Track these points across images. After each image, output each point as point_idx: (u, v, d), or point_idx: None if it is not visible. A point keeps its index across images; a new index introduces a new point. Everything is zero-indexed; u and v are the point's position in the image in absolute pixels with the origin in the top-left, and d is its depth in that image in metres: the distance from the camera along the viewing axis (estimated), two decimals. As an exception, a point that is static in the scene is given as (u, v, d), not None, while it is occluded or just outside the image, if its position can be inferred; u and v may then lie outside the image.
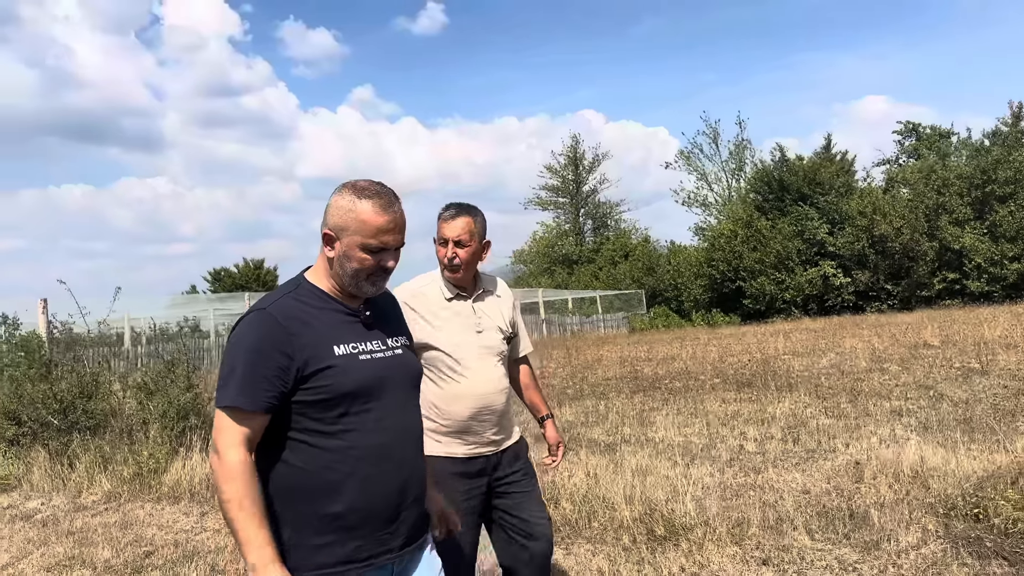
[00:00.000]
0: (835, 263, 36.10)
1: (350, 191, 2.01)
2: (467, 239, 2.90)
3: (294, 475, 1.94)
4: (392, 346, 2.09)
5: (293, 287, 2.07)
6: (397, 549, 2.02)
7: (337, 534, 1.94)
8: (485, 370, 2.93)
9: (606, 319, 37.73)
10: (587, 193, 58.89)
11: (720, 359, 13.52)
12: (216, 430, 1.92)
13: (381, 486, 1.98)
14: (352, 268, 2.00)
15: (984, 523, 4.11)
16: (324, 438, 1.94)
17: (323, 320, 2.00)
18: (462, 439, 2.91)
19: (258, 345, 1.92)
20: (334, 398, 1.94)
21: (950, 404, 7.45)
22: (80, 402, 8.65)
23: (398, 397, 2.05)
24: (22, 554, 5.84)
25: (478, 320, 2.97)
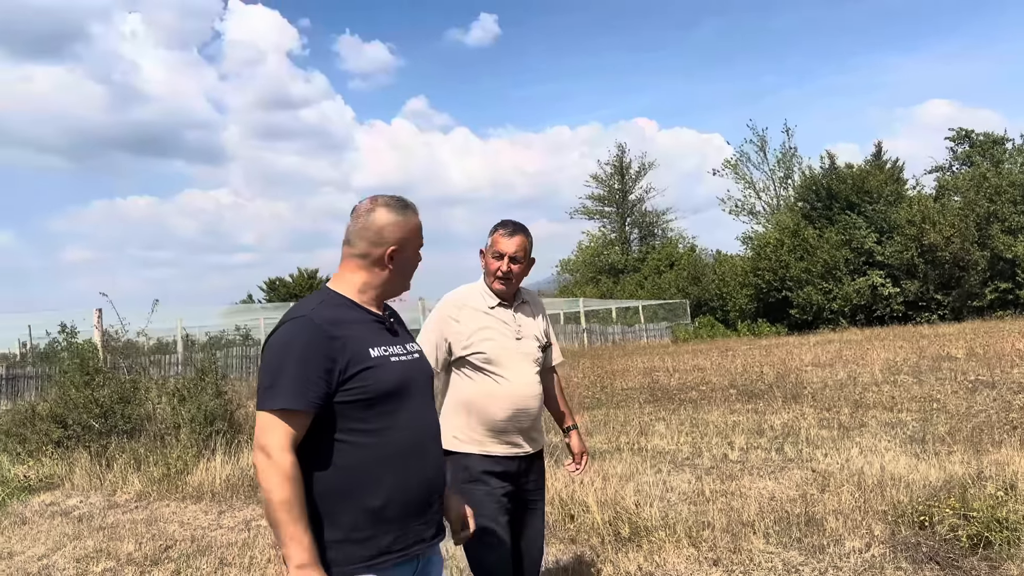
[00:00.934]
0: (884, 273, 35.51)
1: (391, 209, 2.19)
2: (522, 256, 3.10)
3: (336, 474, 2.04)
4: (411, 350, 2.23)
5: (324, 296, 2.18)
6: (430, 539, 2.16)
7: (376, 527, 2.04)
8: (523, 374, 3.07)
9: (649, 329, 37.71)
10: (633, 202, 58.84)
11: (744, 370, 13.61)
12: (264, 432, 1.98)
13: (415, 479, 2.11)
14: (410, 271, 2.26)
15: (928, 530, 4.30)
16: (363, 435, 2.05)
17: (357, 325, 2.12)
18: (499, 439, 3.03)
19: (304, 349, 2.02)
20: (373, 397, 2.05)
21: (945, 416, 7.52)
22: (119, 407, 9.24)
23: (422, 397, 2.21)
24: (57, 546, 6.34)
25: (518, 327, 3.13)
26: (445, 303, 3.18)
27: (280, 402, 1.97)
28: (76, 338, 14.19)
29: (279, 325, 2.13)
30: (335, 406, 2.03)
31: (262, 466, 1.95)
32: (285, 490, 1.92)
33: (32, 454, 9.41)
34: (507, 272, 3.07)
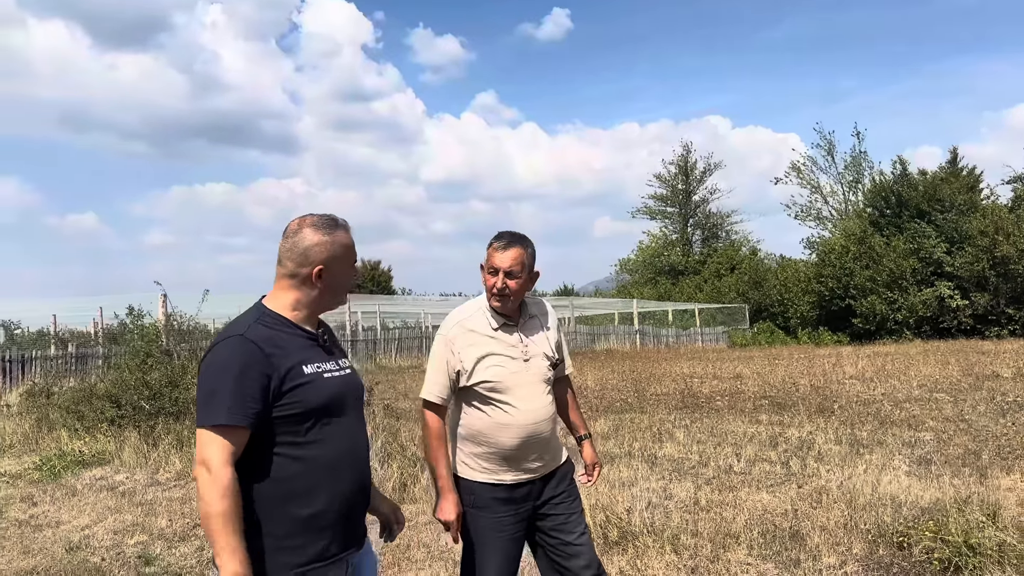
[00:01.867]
0: (952, 284, 34.45)
1: (318, 230, 2.24)
2: (518, 270, 2.90)
3: (272, 485, 2.11)
4: (343, 366, 2.30)
5: (258, 315, 2.23)
6: (357, 544, 2.28)
7: (308, 535, 2.12)
8: (533, 399, 2.93)
9: (705, 333, 37.36)
10: (697, 203, 58.16)
11: (782, 380, 13.52)
12: (204, 447, 2.04)
13: (348, 489, 2.21)
14: (342, 288, 2.28)
15: (905, 551, 4.36)
16: (297, 448, 2.13)
17: (292, 343, 2.19)
18: (508, 466, 2.93)
19: (241, 367, 2.08)
20: (306, 412, 2.13)
21: (966, 438, 7.44)
22: (167, 390, 9.78)
23: (351, 411, 2.28)
24: (99, 518, 6.83)
25: (525, 348, 2.97)
26: (448, 329, 3.00)
27: (219, 418, 2.03)
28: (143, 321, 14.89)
29: (214, 343, 2.20)
30: (272, 421, 2.10)
31: (202, 480, 2.01)
32: (223, 503, 1.98)
33: (88, 430, 10.04)
34: (503, 289, 2.89)
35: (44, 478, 8.54)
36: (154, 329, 12.78)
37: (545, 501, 3.00)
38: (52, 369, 15.66)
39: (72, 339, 21.04)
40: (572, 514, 3.03)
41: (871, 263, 36.28)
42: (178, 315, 13.71)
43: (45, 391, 12.57)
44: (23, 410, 12.17)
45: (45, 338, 21.68)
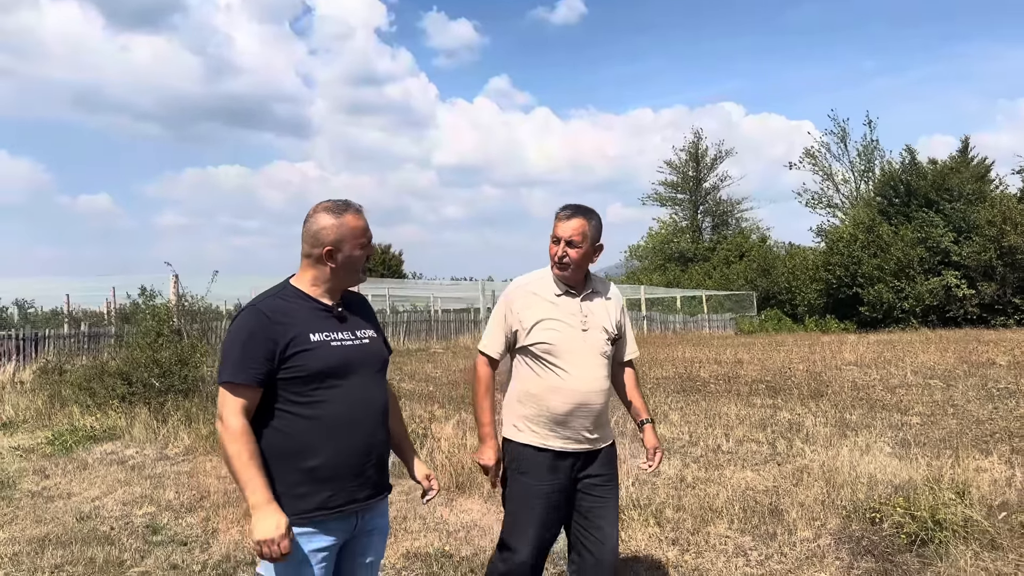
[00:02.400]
0: (959, 273, 34.44)
1: (328, 213, 2.47)
2: (579, 240, 2.98)
3: (279, 438, 2.38)
4: (360, 336, 2.53)
5: (280, 289, 2.52)
6: (363, 499, 2.47)
7: (312, 485, 2.37)
8: (587, 368, 2.98)
9: (712, 319, 37.47)
10: (707, 190, 58.07)
11: (782, 366, 13.68)
12: (220, 402, 2.36)
13: (349, 447, 2.42)
14: (353, 267, 2.49)
15: (876, 526, 4.55)
16: (302, 407, 2.38)
17: (303, 314, 2.44)
18: (557, 432, 2.98)
19: (250, 333, 2.38)
20: (309, 376, 2.37)
21: (952, 422, 7.60)
22: (177, 368, 10.03)
23: (363, 377, 2.48)
24: (109, 490, 7.08)
25: (584, 318, 3.02)
26: (511, 289, 3.14)
27: (227, 376, 2.34)
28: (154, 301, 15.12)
29: (237, 313, 2.53)
30: (278, 381, 2.37)
31: (219, 430, 2.34)
32: (234, 446, 2.29)
33: (100, 407, 10.31)
34: (563, 257, 2.98)
35: (56, 452, 8.81)
36: (165, 309, 13.05)
37: (586, 478, 3.04)
38: (65, 347, 15.94)
39: (85, 318, 21.34)
40: (608, 499, 3.07)
41: (879, 252, 36.29)
42: (189, 295, 13.99)
43: (58, 368, 12.85)
44: (36, 387, 12.46)
45: (58, 317, 22.03)
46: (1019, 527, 4.06)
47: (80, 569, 4.95)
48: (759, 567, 4.30)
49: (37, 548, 5.37)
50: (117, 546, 5.40)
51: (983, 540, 4.08)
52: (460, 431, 7.80)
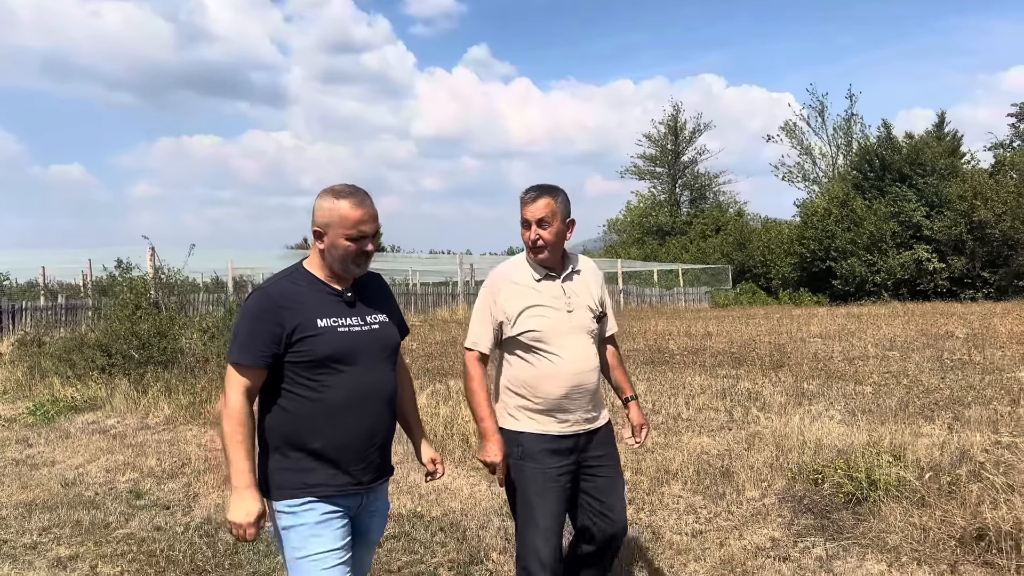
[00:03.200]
0: (930, 247, 35.10)
1: (330, 195, 2.44)
2: (549, 217, 2.92)
3: (286, 417, 2.44)
4: (370, 322, 2.52)
5: (290, 272, 2.54)
6: (367, 483, 2.51)
7: (317, 463, 2.43)
8: (577, 349, 2.97)
9: (688, 293, 37.91)
10: (686, 164, 58.35)
11: (749, 338, 14.06)
12: (226, 379, 2.43)
13: (352, 431, 2.45)
14: (340, 255, 2.44)
15: (818, 486, 4.88)
16: (307, 390, 2.42)
17: (311, 298, 2.45)
18: (555, 417, 2.97)
19: (258, 317, 2.41)
20: (314, 360, 2.40)
21: (905, 391, 7.97)
22: (156, 340, 10.21)
23: (370, 363, 2.48)
24: (92, 458, 7.29)
25: (568, 300, 3.00)
26: (490, 280, 3.10)
27: (235, 357, 2.41)
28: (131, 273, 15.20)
29: (250, 294, 2.56)
30: (285, 364, 2.41)
31: (220, 406, 2.43)
32: (229, 425, 2.37)
33: (80, 378, 10.49)
34: (536, 239, 2.93)
35: (38, 422, 9.00)
36: (143, 282, 13.17)
37: (588, 459, 3.04)
38: (42, 320, 16.00)
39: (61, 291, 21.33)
40: (613, 479, 3.09)
41: (852, 226, 36.82)
42: (166, 268, 14.10)
43: (36, 340, 12.97)
44: (15, 359, 12.58)
45: (35, 289, 22.01)
46: (946, 486, 4.39)
47: (67, 531, 5.18)
48: (707, 524, 4.62)
49: (24, 512, 5.59)
50: (102, 510, 5.63)
51: (913, 498, 4.41)
52: (433, 400, 8.07)
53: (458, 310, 24.83)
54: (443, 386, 9.26)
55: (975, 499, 4.11)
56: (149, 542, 4.92)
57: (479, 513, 5.09)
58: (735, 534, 4.41)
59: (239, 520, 2.36)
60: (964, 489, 4.27)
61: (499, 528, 4.80)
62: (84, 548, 4.85)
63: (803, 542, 4.28)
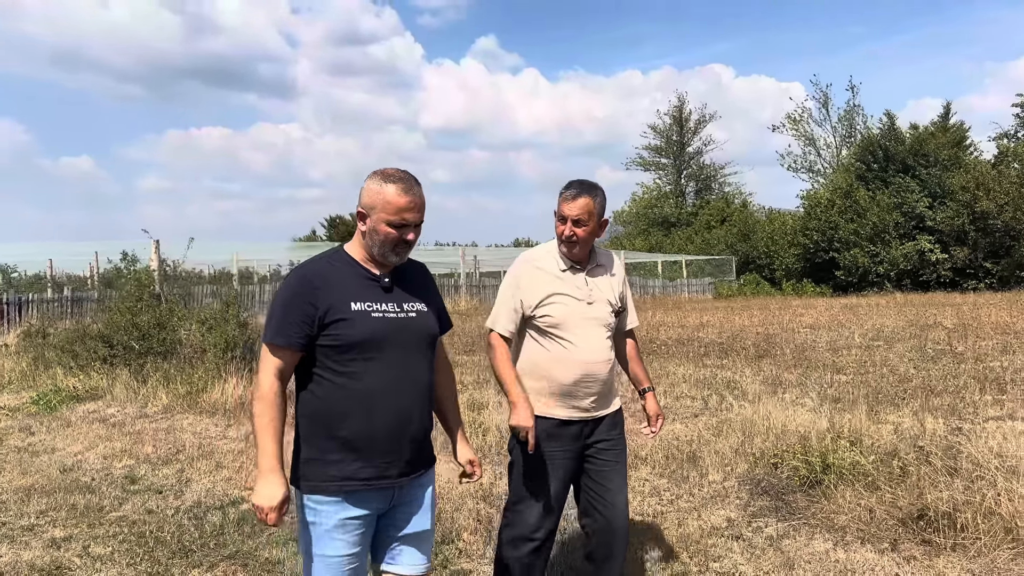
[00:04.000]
0: (933, 238, 35.06)
1: (379, 177, 2.38)
2: (586, 218, 3.02)
3: (316, 403, 2.40)
4: (407, 310, 2.45)
5: (331, 253, 2.50)
6: (395, 476, 2.42)
7: (344, 454, 2.37)
8: (591, 339, 3.06)
9: (691, 284, 38.03)
10: (691, 154, 58.36)
11: (741, 329, 14.25)
12: (260, 359, 2.40)
13: (381, 421, 2.37)
14: (379, 240, 2.37)
15: (777, 470, 5.09)
16: (337, 376, 2.36)
17: (347, 281, 2.39)
18: (563, 402, 3.06)
19: (292, 297, 2.37)
20: (345, 344, 2.34)
21: (880, 380, 8.16)
22: (155, 332, 10.46)
23: (403, 351, 2.42)
24: (91, 445, 7.55)
25: (589, 292, 3.10)
26: (518, 265, 3.20)
27: (268, 336, 2.38)
28: (136, 266, 15.47)
29: (288, 274, 2.56)
30: (317, 347, 2.37)
31: (254, 386, 2.40)
32: (259, 405, 2.35)
33: (82, 368, 10.77)
34: (571, 236, 3.04)
35: (41, 411, 9.28)
36: (147, 274, 13.47)
37: (593, 443, 3.12)
38: (48, 311, 16.30)
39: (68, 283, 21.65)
40: (616, 463, 3.15)
41: (855, 217, 36.82)
42: (170, 261, 14.39)
43: (41, 332, 13.26)
44: (20, 350, 12.89)
45: (42, 281, 22.34)
46: (897, 470, 4.59)
47: (63, 514, 5.42)
48: (669, 505, 4.83)
49: (23, 496, 5.84)
50: (97, 494, 5.88)
51: (864, 481, 4.61)
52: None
53: (460, 301, 25.05)
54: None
55: (919, 482, 4.31)
56: (140, 524, 5.16)
57: (455, 497, 5.32)
58: (694, 515, 4.63)
59: (262, 504, 2.34)
60: (912, 473, 4.46)
61: (471, 510, 5.03)
62: (78, 530, 5.09)
63: (756, 522, 4.50)
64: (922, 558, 3.90)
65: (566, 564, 4.05)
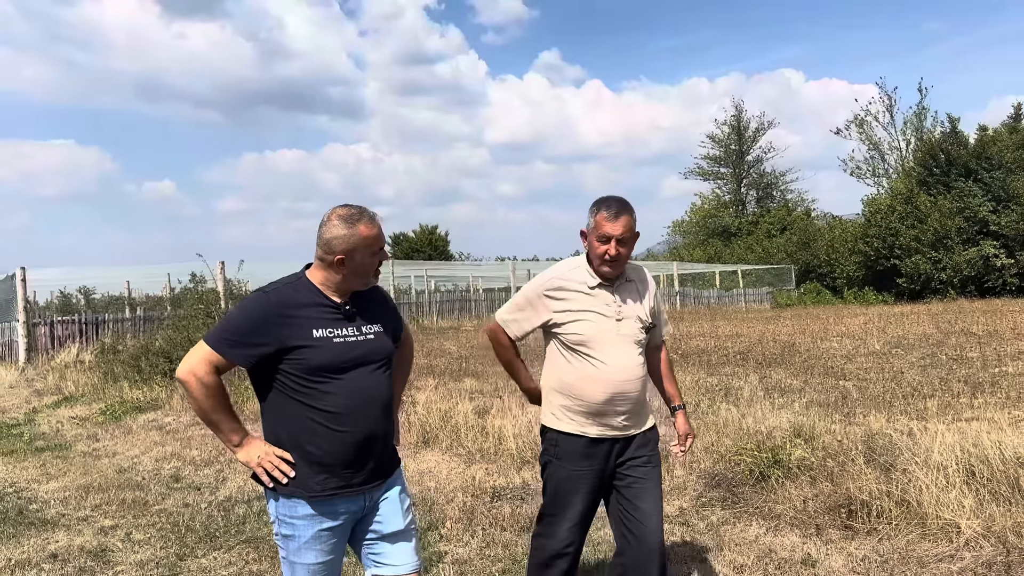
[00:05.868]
0: (998, 243, 34.22)
1: (341, 221, 2.50)
2: (628, 237, 2.99)
3: (284, 420, 2.53)
4: (366, 332, 2.60)
5: (294, 280, 2.59)
6: (358, 485, 2.57)
7: (311, 467, 2.51)
8: (622, 357, 3.00)
9: (748, 294, 37.86)
10: (751, 163, 57.88)
11: (772, 337, 14.48)
12: (197, 358, 2.47)
13: (346, 440, 2.51)
14: (363, 272, 2.55)
15: (736, 467, 5.54)
16: (305, 397, 2.48)
17: (309, 310, 2.51)
18: (595, 421, 3.02)
19: (252, 317, 2.48)
20: (310, 369, 2.46)
21: (879, 387, 8.43)
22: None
23: (364, 372, 2.56)
24: (147, 450, 8.44)
25: (619, 308, 3.04)
26: (545, 281, 3.13)
27: (217, 343, 2.47)
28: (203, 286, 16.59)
29: (255, 291, 2.67)
30: (280, 370, 2.48)
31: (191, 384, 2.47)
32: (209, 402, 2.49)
33: (146, 381, 11.78)
34: (615, 256, 2.98)
35: (107, 420, 10.27)
36: (213, 293, 14.55)
37: (625, 461, 3.07)
38: (122, 330, 17.53)
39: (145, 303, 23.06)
40: (648, 480, 3.07)
41: (916, 223, 36.19)
42: (236, 280, 15.48)
43: (112, 348, 14.41)
44: (94, 365, 14.05)
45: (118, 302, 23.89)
46: (838, 466, 5.00)
47: (113, 507, 6.22)
48: (632, 498, 5.34)
49: (82, 493, 6.69)
50: (144, 491, 6.69)
51: (808, 475, 5.04)
52: (439, 394, 8.93)
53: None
54: (458, 384, 10.10)
55: (853, 476, 4.73)
56: (176, 515, 5.91)
57: (448, 490, 5.94)
58: (652, 506, 5.13)
59: (251, 460, 2.51)
60: (849, 468, 4.88)
61: (462, 502, 5.63)
62: (124, 520, 5.88)
63: (705, 511, 4.99)
64: (839, 541, 4.34)
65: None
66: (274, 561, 4.84)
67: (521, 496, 5.68)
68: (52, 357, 15.88)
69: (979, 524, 4.08)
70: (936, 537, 4.14)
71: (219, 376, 2.50)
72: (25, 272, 16.87)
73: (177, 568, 4.83)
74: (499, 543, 4.82)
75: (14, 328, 17.31)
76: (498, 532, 5.02)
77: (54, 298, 24.14)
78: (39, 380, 14.12)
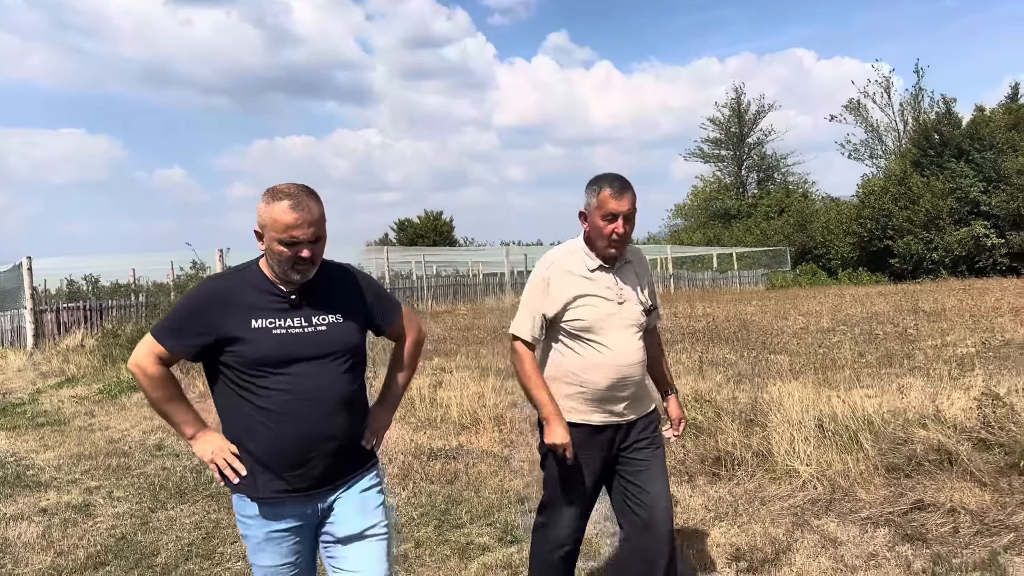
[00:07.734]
0: (988, 223, 34.62)
1: (269, 194, 2.30)
2: (633, 214, 2.90)
3: (230, 417, 2.42)
4: (316, 323, 2.39)
5: (243, 268, 2.45)
6: (304, 490, 2.39)
7: (256, 466, 2.38)
8: (624, 341, 2.95)
9: (743, 276, 38.35)
10: (751, 145, 58.15)
11: (739, 316, 15.14)
12: (143, 349, 2.40)
13: (286, 440, 2.35)
14: (276, 259, 2.32)
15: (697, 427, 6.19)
16: (246, 392, 2.35)
17: (252, 298, 2.35)
18: (598, 407, 2.96)
19: (194, 307, 2.38)
20: (247, 362, 2.32)
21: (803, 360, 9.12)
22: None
23: (312, 367, 2.36)
24: (136, 424, 9.21)
25: (619, 291, 2.98)
26: (543, 268, 3.05)
27: (161, 334, 2.39)
28: (204, 273, 17.31)
29: (202, 281, 2.59)
30: (221, 363, 2.38)
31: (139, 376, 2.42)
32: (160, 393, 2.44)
33: (141, 363, 12.56)
34: (621, 235, 2.89)
35: (104, 399, 11.08)
36: (210, 280, 15.27)
37: (629, 446, 3.03)
38: (124, 316, 18.33)
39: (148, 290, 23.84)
40: (653, 463, 3.03)
41: (908, 204, 36.58)
42: (235, 268, 16.22)
43: (113, 333, 15.22)
44: (95, 349, 14.88)
45: (122, 289, 24.72)
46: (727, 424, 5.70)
47: (100, 472, 6.99)
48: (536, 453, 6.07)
49: (74, 461, 7.47)
50: (129, 458, 7.46)
51: (694, 433, 5.75)
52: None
53: (504, 299, 26.41)
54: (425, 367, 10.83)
55: (722, 432, 5.44)
56: (153, 477, 6.68)
57: (392, 452, 6.66)
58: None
59: (205, 454, 2.43)
60: (725, 426, 5.59)
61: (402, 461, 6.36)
62: (108, 482, 6.65)
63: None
64: (704, 486, 5.06)
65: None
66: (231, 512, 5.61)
67: (454, 456, 6.43)
68: (58, 342, 16.74)
69: (814, 469, 4.79)
70: (780, 480, 4.86)
71: (166, 367, 2.42)
72: (31, 261, 17.73)
73: (148, 519, 5.59)
74: (425, 492, 5.57)
75: (22, 315, 18.20)
76: (427, 484, 5.77)
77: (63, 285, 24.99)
78: (45, 363, 14.97)
